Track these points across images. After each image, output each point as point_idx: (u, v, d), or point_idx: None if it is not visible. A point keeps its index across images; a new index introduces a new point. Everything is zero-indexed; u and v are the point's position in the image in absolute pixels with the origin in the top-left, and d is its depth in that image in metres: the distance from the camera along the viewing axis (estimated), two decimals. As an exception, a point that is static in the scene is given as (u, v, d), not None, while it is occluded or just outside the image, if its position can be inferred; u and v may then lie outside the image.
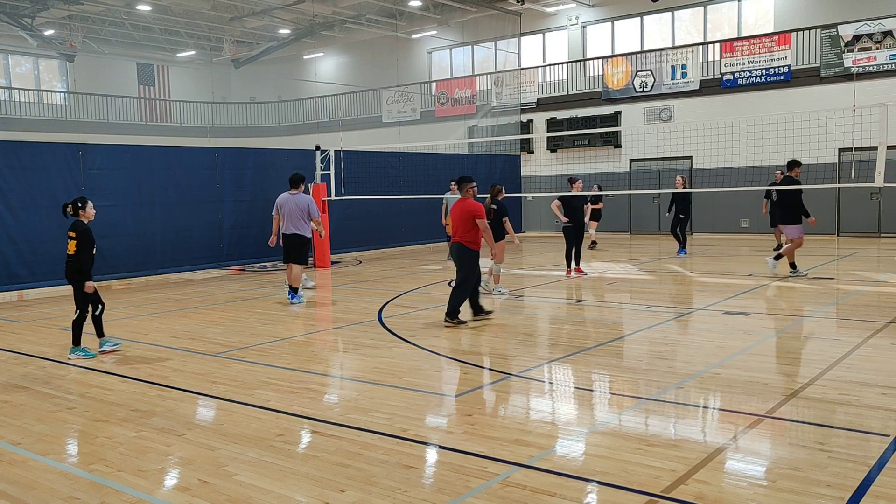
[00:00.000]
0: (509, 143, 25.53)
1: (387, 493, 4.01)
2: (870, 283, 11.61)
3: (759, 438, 4.78)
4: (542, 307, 10.62)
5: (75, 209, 7.56)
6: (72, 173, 13.09)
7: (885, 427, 4.89)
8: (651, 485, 4.02)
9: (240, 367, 7.09)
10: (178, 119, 32.56)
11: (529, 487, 4.04)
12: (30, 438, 5.14)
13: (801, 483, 4.00)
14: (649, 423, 5.20)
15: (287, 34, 30.99)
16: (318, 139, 20.47)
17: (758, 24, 22.72)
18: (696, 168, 21.49)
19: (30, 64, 30.80)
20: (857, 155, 16.60)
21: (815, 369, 6.32)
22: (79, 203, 7.57)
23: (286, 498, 4.01)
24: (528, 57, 27.32)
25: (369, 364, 7.07)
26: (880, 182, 10.84)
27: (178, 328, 9.23)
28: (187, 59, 33.95)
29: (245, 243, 16.15)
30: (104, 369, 7.09)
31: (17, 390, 6.44)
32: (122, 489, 4.19)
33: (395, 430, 5.03)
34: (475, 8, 26.38)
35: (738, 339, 7.82)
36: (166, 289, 13.28)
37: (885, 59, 19.25)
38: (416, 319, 9.43)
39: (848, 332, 8.07)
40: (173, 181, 14.71)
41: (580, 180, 13.47)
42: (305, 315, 10.38)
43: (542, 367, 6.84)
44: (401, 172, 19.65)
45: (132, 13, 27.25)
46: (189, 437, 5.04)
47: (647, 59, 23.26)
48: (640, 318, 9.20)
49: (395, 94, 29.55)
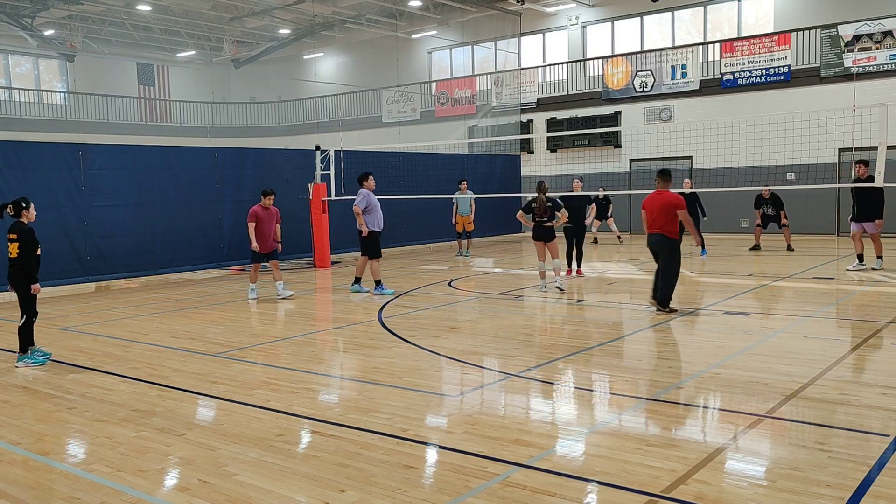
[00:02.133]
0: (509, 143, 25.53)
1: (387, 493, 4.01)
2: (870, 283, 11.61)
3: (759, 438, 4.78)
4: (542, 307, 10.62)
5: (17, 210, 7.24)
6: (72, 173, 13.09)
7: (885, 427, 4.89)
8: (651, 485, 4.02)
9: (240, 367, 7.09)
10: (178, 119, 32.56)
11: (529, 487, 4.04)
12: (30, 438, 5.14)
13: (801, 483, 4.00)
14: (649, 423, 5.19)
15: (287, 34, 30.99)
16: (318, 139, 20.46)
17: (758, 24, 22.72)
18: (696, 168, 21.49)
19: (30, 64, 30.80)
20: (857, 155, 16.59)
21: (815, 369, 6.32)
22: (22, 203, 7.27)
23: (286, 498, 4.01)
24: (528, 57, 27.32)
25: (369, 364, 7.07)
26: (880, 182, 10.84)
27: (178, 328, 9.23)
28: (187, 59, 33.96)
29: (245, 243, 16.09)
30: (104, 369, 7.09)
31: (17, 390, 6.44)
32: (122, 489, 4.19)
33: (395, 430, 5.02)
34: (475, 8, 26.38)
35: (738, 339, 7.82)
36: (166, 289, 13.27)
37: (885, 59, 19.25)
38: (416, 319, 9.43)
39: (848, 332, 8.06)
40: (173, 181, 14.70)
41: (578, 180, 13.45)
42: (305, 315, 10.38)
43: (542, 367, 6.84)
44: (401, 172, 19.64)
45: (132, 13, 27.25)
46: (189, 437, 5.04)
47: (647, 59, 23.26)
48: (640, 318, 9.20)
49: (395, 94, 29.55)
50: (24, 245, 7.14)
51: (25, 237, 7.16)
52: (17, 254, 7.15)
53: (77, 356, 7.64)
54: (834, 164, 19.36)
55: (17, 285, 7.26)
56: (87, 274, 13.41)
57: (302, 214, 16.66)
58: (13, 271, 7.21)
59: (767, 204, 16.41)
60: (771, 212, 16.41)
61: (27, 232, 7.19)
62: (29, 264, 7.19)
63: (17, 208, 7.25)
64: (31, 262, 7.21)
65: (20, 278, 7.22)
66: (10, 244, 7.16)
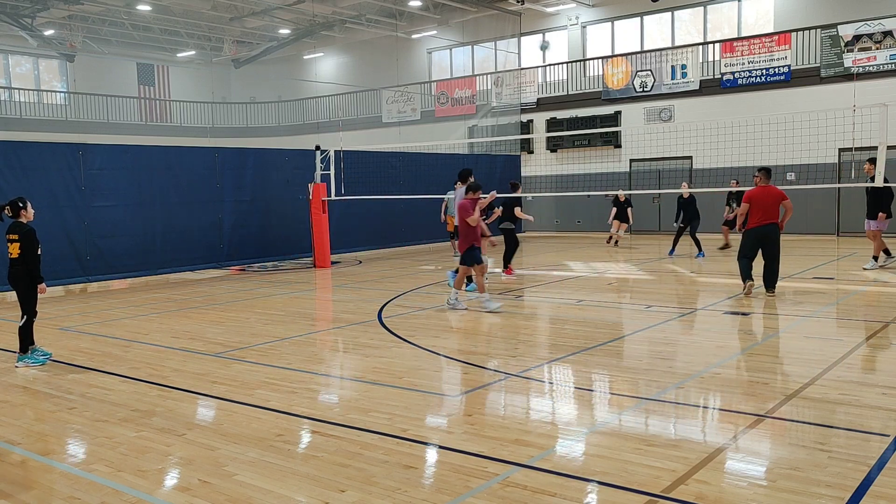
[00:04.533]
0: (509, 143, 25.53)
1: (387, 493, 4.01)
2: (870, 283, 11.61)
3: (759, 438, 4.78)
4: (542, 307, 10.62)
5: (16, 210, 7.13)
6: (72, 173, 13.10)
7: (885, 427, 4.89)
8: (651, 485, 4.02)
9: (240, 367, 7.09)
10: (178, 119, 32.56)
11: (529, 487, 4.04)
12: (30, 438, 5.14)
13: (801, 483, 4.00)
14: (649, 423, 5.19)
15: (287, 34, 30.99)
16: (318, 139, 20.47)
17: (758, 24, 22.72)
18: (696, 168, 21.49)
19: (30, 64, 30.80)
20: (857, 155, 16.60)
21: (815, 369, 6.32)
22: (20, 203, 7.17)
23: (286, 498, 4.01)
24: (528, 57, 27.32)
25: (369, 364, 7.07)
26: (880, 182, 10.84)
27: (178, 328, 9.23)
28: (187, 59, 33.95)
29: (245, 243, 16.17)
30: (104, 369, 7.09)
31: (17, 390, 6.44)
32: (122, 489, 4.19)
33: (395, 430, 5.02)
34: (475, 8, 26.38)
35: (738, 339, 7.81)
36: (166, 289, 13.27)
37: (885, 59, 19.25)
38: (416, 319, 9.43)
39: (848, 332, 8.06)
40: (173, 181, 14.71)
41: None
42: (305, 315, 10.38)
43: (542, 367, 6.84)
44: (401, 172, 19.65)
45: (132, 13, 27.25)
46: (189, 437, 5.04)
47: (647, 59, 23.26)
48: (640, 318, 9.20)
49: (395, 94, 29.55)
50: (26, 245, 7.07)
51: (27, 237, 7.09)
52: (18, 254, 7.08)
53: (77, 356, 7.64)
54: (834, 164, 19.36)
55: (18, 285, 7.21)
56: (87, 274, 13.42)
57: (302, 214, 16.68)
58: (14, 271, 7.16)
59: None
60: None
61: (29, 232, 7.12)
62: (34, 264, 7.14)
63: (15, 208, 7.17)
64: (36, 262, 7.15)
65: (21, 278, 7.16)
66: (11, 245, 7.09)
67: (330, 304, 11.53)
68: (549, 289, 12.17)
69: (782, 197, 10.20)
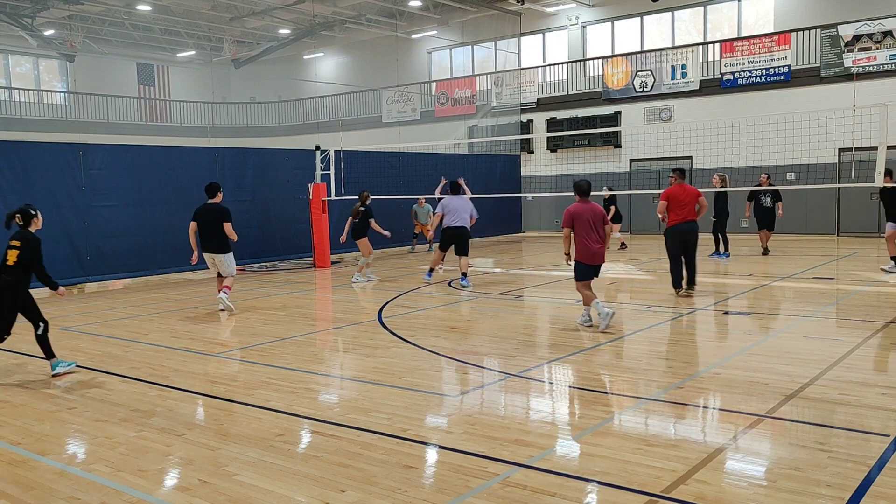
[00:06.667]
0: (509, 143, 25.53)
1: (387, 493, 4.01)
2: (870, 283, 11.61)
3: (759, 438, 4.78)
4: (541, 307, 10.62)
5: (27, 219, 6.76)
6: (72, 173, 13.09)
7: (885, 427, 4.89)
8: (651, 485, 4.02)
9: (240, 367, 7.09)
10: (178, 119, 32.55)
11: (529, 487, 4.04)
12: (30, 438, 5.14)
13: (801, 483, 4.00)
14: (649, 423, 5.19)
15: (287, 34, 30.99)
16: (318, 139, 20.46)
17: (758, 24, 22.72)
18: (695, 168, 21.49)
19: (30, 64, 30.80)
20: (857, 155, 16.60)
21: (815, 369, 6.32)
22: (31, 211, 6.79)
23: (286, 498, 4.01)
24: (528, 57, 27.32)
25: (369, 364, 7.07)
26: (880, 182, 10.84)
27: (178, 328, 9.23)
28: (187, 59, 33.95)
29: (245, 243, 16.12)
30: (104, 369, 7.09)
31: (17, 390, 6.44)
32: (122, 489, 4.19)
33: (395, 430, 5.02)
34: (475, 8, 26.38)
35: (738, 339, 7.82)
36: (166, 289, 13.27)
37: (885, 59, 19.25)
38: (416, 319, 9.43)
39: (848, 332, 8.06)
40: (173, 181, 14.70)
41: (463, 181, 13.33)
42: (305, 315, 10.38)
43: (542, 367, 6.84)
44: (401, 172, 19.65)
45: (132, 13, 27.25)
46: (189, 437, 5.04)
47: (647, 59, 23.26)
48: (640, 318, 9.20)
49: (395, 94, 29.54)
50: (26, 255, 6.62)
51: (29, 247, 6.66)
52: (14, 262, 6.59)
53: (77, 356, 7.63)
54: (834, 164, 19.36)
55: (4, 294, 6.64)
56: (88, 274, 13.42)
57: (302, 214, 16.67)
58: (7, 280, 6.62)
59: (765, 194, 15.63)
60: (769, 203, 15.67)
61: (32, 241, 6.70)
62: (41, 273, 6.72)
63: (27, 217, 6.78)
64: (42, 270, 6.74)
65: (8, 288, 6.64)
66: (10, 250, 6.63)
67: (330, 304, 11.53)
68: (549, 289, 12.17)
69: (698, 195, 10.67)
